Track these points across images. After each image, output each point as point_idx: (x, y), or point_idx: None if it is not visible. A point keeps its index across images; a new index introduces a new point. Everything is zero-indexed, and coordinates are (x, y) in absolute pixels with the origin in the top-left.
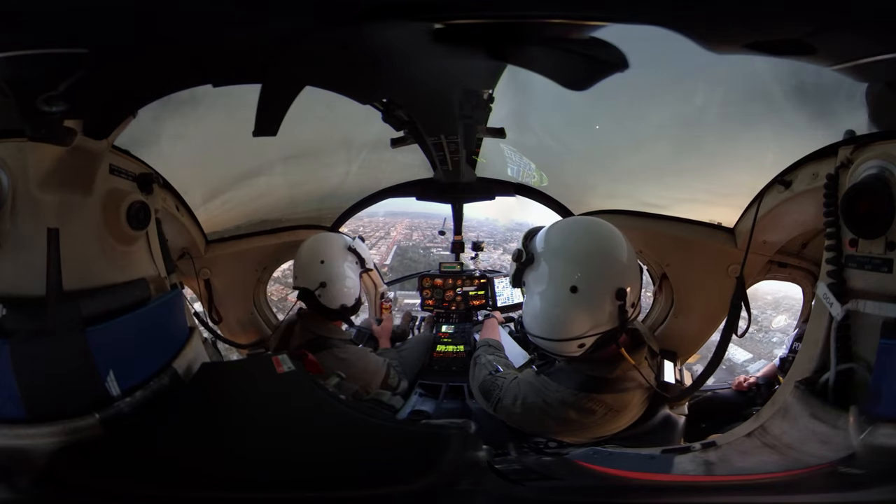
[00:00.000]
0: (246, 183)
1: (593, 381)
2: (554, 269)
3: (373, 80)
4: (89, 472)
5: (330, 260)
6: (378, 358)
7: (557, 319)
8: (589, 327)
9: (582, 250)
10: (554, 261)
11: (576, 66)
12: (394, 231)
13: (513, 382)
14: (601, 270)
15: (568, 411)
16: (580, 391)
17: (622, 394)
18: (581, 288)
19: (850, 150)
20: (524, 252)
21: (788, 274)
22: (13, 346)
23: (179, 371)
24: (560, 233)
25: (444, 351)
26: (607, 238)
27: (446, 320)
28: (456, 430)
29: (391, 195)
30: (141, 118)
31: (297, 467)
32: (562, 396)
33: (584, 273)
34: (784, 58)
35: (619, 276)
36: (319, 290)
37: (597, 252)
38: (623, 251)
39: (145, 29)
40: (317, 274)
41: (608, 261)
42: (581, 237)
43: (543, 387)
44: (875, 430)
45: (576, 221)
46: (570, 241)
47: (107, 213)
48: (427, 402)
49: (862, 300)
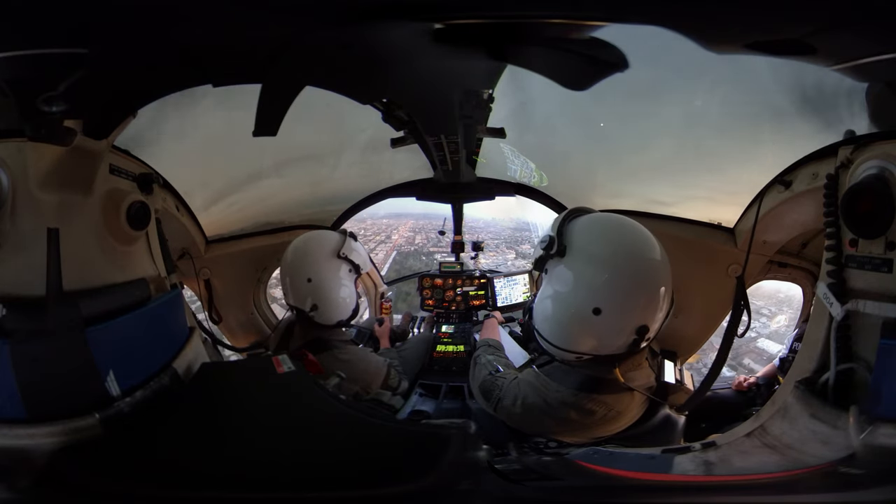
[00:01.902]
0: (253, 185)
1: (593, 382)
2: (584, 278)
3: (373, 80)
4: (89, 472)
5: (318, 277)
6: (379, 359)
7: (568, 332)
8: (595, 347)
9: (622, 271)
10: (588, 268)
11: (576, 66)
12: (395, 234)
13: (513, 383)
14: (634, 302)
15: (568, 412)
16: (580, 391)
17: (622, 394)
18: (605, 313)
19: (850, 150)
20: (556, 242)
21: (788, 274)
22: (13, 346)
23: (179, 371)
24: (603, 238)
25: (444, 351)
26: (653, 264)
27: (446, 320)
28: (456, 430)
29: (391, 195)
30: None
31: (297, 467)
32: (562, 397)
33: (616, 300)
34: (784, 58)
35: (649, 311)
36: (312, 312)
37: (637, 279)
38: (665, 281)
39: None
40: (305, 295)
41: (646, 293)
42: (627, 254)
43: (544, 387)
44: (875, 430)
45: (626, 229)
46: (613, 255)
47: (107, 213)
48: (427, 402)
49: (862, 300)
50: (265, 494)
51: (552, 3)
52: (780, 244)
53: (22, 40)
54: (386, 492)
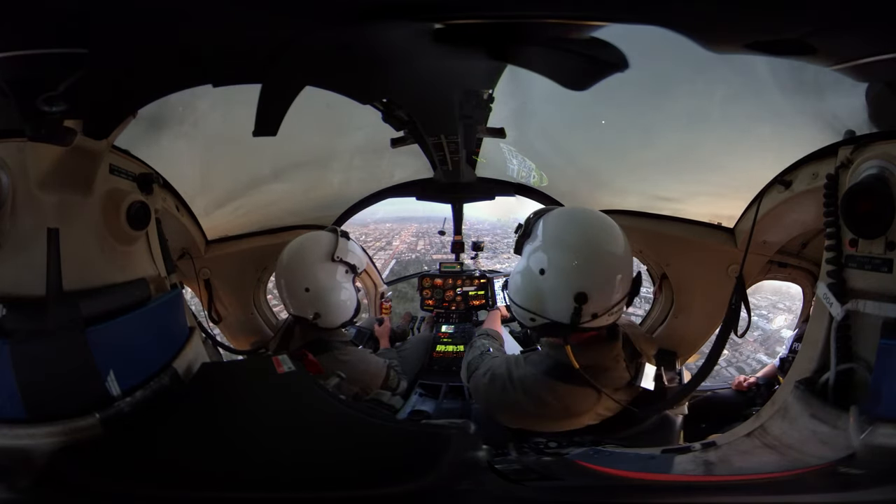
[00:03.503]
0: (258, 189)
1: (558, 368)
2: (535, 248)
3: (373, 80)
4: (89, 472)
5: (316, 286)
6: (378, 359)
7: (522, 290)
8: (540, 307)
9: (562, 241)
10: (539, 241)
11: (576, 66)
12: (397, 240)
13: (493, 359)
14: (569, 268)
15: (523, 393)
16: (546, 376)
17: (577, 388)
18: (547, 274)
19: (850, 150)
20: (523, 225)
21: (788, 274)
22: (13, 346)
23: (179, 371)
24: (556, 218)
25: (444, 351)
26: (591, 238)
27: (446, 320)
28: (456, 430)
29: (391, 195)
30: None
31: (297, 467)
32: (524, 376)
33: (554, 264)
34: (784, 58)
35: (586, 281)
36: (315, 320)
37: (573, 249)
38: (608, 257)
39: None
40: (306, 304)
41: (581, 262)
42: (568, 228)
43: (515, 364)
44: (875, 430)
45: (575, 211)
46: (557, 229)
47: (107, 213)
48: (427, 402)
49: (862, 300)
50: (265, 494)
51: (552, 3)
52: (780, 244)
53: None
54: (386, 492)
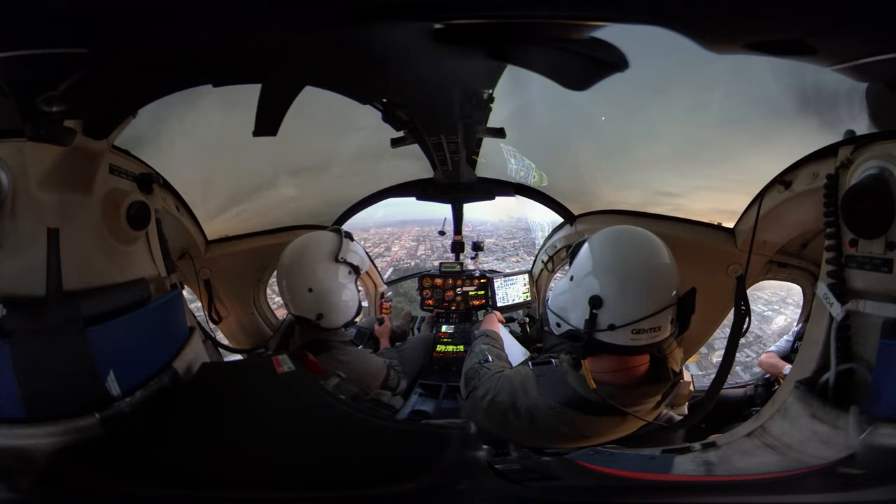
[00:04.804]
0: (261, 194)
1: (578, 400)
2: (575, 263)
3: (373, 80)
4: (89, 472)
5: (319, 287)
6: (378, 360)
7: (557, 297)
8: (564, 313)
9: (591, 251)
10: (578, 255)
11: (576, 66)
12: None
13: (494, 376)
14: (587, 273)
15: (533, 424)
16: (564, 406)
17: (599, 417)
18: (574, 280)
19: (850, 150)
20: (571, 246)
21: (788, 274)
22: (13, 346)
23: (179, 371)
24: (595, 238)
25: (444, 351)
26: (614, 249)
27: (446, 320)
28: (456, 430)
29: (391, 195)
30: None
31: (297, 467)
32: (533, 407)
33: (580, 271)
34: (784, 58)
35: (602, 285)
36: (318, 321)
37: (592, 256)
38: (625, 264)
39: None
40: (309, 306)
41: (598, 268)
42: (599, 243)
43: (522, 391)
44: (875, 430)
45: (613, 232)
46: (592, 244)
47: (107, 213)
48: (427, 402)
49: (862, 300)
50: (265, 494)
51: (552, 3)
52: (780, 244)
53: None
54: (386, 492)
